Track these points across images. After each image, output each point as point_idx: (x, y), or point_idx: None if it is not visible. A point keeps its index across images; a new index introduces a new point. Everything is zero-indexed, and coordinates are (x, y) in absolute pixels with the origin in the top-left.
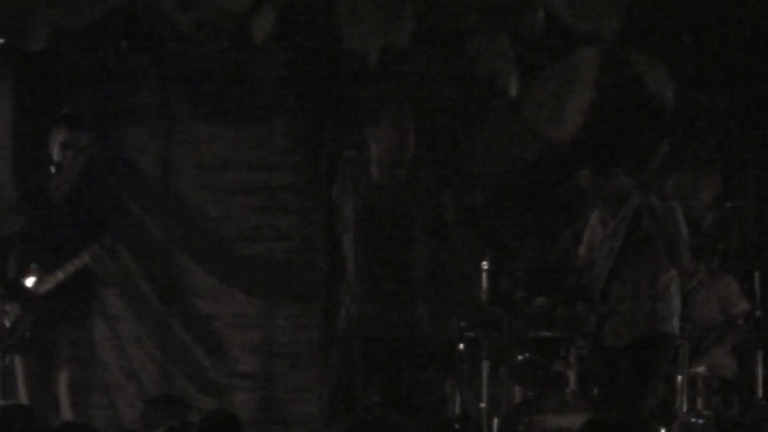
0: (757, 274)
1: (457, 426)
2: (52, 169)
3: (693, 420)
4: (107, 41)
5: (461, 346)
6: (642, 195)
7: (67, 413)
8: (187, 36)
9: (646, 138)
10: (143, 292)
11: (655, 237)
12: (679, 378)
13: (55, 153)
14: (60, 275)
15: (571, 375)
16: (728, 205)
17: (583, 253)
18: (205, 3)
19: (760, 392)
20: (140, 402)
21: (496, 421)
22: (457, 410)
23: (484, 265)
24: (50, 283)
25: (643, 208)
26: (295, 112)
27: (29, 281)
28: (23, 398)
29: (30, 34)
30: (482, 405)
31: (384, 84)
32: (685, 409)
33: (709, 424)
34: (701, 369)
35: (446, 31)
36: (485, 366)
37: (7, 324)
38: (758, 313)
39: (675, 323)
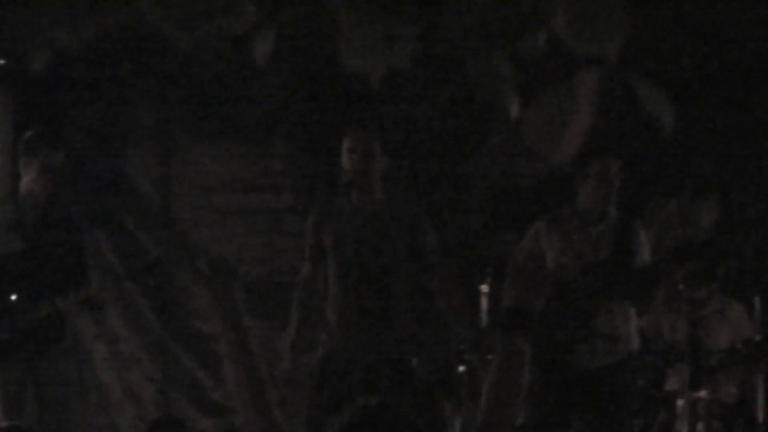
0: (757, 299)
1: None
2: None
3: None
4: (107, 62)
5: (461, 368)
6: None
7: None
8: (187, 57)
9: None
10: (143, 312)
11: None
12: (680, 402)
13: (31, 173)
14: (59, 303)
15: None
16: (727, 231)
17: (520, 260)
18: (205, 23)
19: (760, 417)
20: (141, 422)
21: None
22: None
23: (484, 288)
24: (46, 310)
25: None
26: (294, 134)
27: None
28: None
29: (32, 55)
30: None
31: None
32: None
33: None
34: (702, 393)
35: (446, 53)
36: (485, 389)
37: None
38: (758, 338)
39: (635, 340)
